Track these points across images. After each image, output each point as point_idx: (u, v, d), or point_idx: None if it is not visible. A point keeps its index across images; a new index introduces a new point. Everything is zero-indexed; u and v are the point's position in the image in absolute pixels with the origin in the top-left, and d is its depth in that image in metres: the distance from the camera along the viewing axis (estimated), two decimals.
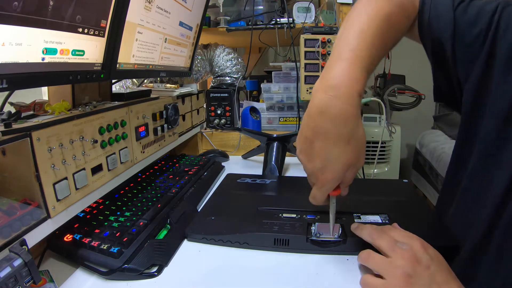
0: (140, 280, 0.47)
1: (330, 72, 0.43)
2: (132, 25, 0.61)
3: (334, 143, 0.42)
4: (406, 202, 0.66)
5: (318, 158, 0.43)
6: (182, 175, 0.79)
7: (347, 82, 0.41)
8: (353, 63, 0.42)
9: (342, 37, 0.45)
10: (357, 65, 0.42)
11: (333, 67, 0.43)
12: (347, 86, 0.41)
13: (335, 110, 0.40)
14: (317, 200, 0.48)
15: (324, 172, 0.44)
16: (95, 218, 0.57)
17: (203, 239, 0.55)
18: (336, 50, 0.44)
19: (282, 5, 1.17)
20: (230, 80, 1.20)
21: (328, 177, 0.44)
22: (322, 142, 0.42)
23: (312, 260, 0.51)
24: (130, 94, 0.71)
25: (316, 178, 0.45)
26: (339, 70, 0.42)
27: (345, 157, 0.42)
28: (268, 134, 0.90)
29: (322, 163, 0.43)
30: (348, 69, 0.42)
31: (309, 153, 0.44)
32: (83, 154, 0.51)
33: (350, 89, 0.41)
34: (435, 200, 2.19)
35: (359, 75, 0.42)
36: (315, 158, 0.43)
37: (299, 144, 0.46)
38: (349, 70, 0.42)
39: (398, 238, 0.45)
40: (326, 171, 0.44)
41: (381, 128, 1.91)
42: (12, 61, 0.39)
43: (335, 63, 0.43)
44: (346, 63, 0.42)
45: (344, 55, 0.43)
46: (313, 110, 0.42)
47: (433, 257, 0.42)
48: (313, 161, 0.44)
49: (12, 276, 0.35)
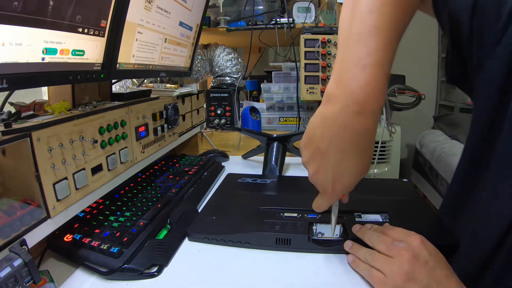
0: (140, 280, 0.47)
1: (351, 82, 0.38)
2: (132, 25, 0.61)
3: (352, 156, 0.40)
4: (406, 201, 0.67)
5: (331, 171, 0.42)
6: (182, 175, 0.79)
7: (373, 96, 0.38)
8: (377, 73, 0.38)
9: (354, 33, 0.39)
10: (380, 72, 0.38)
11: (353, 77, 0.38)
12: (372, 101, 0.38)
13: (359, 126, 0.38)
14: (322, 208, 0.48)
15: (335, 184, 0.43)
16: (95, 218, 0.57)
17: (205, 239, 0.55)
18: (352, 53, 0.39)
19: (282, 5, 1.17)
20: (230, 80, 1.20)
21: (339, 189, 0.43)
22: (338, 155, 0.40)
23: (313, 260, 0.51)
24: (130, 94, 0.71)
25: (325, 189, 0.45)
26: (363, 83, 0.38)
27: (360, 169, 0.41)
28: (268, 134, 0.90)
29: (336, 175, 0.42)
30: (373, 80, 0.38)
31: (319, 164, 0.42)
32: (83, 154, 0.51)
33: (375, 104, 0.38)
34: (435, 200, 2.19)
35: (383, 85, 0.38)
36: (327, 170, 0.42)
37: (307, 152, 0.44)
38: (374, 81, 0.38)
39: (397, 236, 0.46)
40: (338, 183, 0.42)
41: (381, 128, 1.91)
42: (12, 61, 0.39)
43: (356, 72, 0.38)
44: (370, 72, 0.38)
45: (364, 60, 0.38)
46: (333, 122, 0.39)
47: (431, 253, 0.42)
48: (324, 173, 0.42)
49: (12, 276, 0.35)
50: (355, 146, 0.39)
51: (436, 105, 2.93)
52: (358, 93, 0.38)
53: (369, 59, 0.38)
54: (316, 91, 1.06)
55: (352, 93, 0.38)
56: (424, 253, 0.42)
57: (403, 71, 2.23)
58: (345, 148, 0.39)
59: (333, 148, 0.40)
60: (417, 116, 2.62)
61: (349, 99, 0.38)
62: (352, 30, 0.39)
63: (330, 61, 1.05)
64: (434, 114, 2.81)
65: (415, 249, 0.42)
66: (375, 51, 0.38)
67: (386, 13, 0.38)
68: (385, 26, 0.38)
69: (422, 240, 0.44)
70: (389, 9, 0.38)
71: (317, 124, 0.42)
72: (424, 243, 0.43)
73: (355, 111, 0.38)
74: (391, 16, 0.38)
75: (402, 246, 0.43)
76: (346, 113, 0.38)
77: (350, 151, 0.40)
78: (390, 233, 0.47)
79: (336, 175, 0.42)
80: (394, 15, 0.38)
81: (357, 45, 0.39)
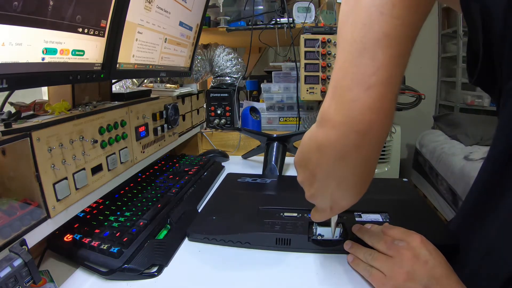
0: (140, 280, 0.47)
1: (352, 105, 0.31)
2: (132, 25, 0.61)
3: (350, 186, 0.36)
4: (406, 201, 0.67)
5: (328, 197, 0.39)
6: (182, 175, 0.79)
7: (378, 123, 0.31)
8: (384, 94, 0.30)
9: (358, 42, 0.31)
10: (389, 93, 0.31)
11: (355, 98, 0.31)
12: (377, 129, 0.31)
13: (359, 157, 0.33)
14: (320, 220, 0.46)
15: (333, 207, 0.41)
16: (95, 218, 0.57)
17: (205, 239, 0.55)
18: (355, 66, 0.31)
19: (282, 5, 1.17)
20: (230, 80, 1.20)
21: (337, 210, 0.41)
22: (335, 185, 0.36)
23: (313, 260, 0.51)
24: (130, 94, 0.71)
25: (322, 210, 0.43)
26: (366, 105, 0.30)
27: (359, 194, 0.37)
28: (268, 134, 0.90)
29: (333, 201, 0.39)
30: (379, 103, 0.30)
31: (317, 190, 0.39)
32: (83, 154, 0.51)
33: (380, 132, 0.31)
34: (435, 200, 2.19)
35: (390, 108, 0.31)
36: (325, 196, 0.39)
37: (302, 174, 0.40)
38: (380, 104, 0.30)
39: (397, 236, 0.46)
40: (336, 206, 0.40)
41: None
42: (12, 61, 0.39)
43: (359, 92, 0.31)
44: (376, 93, 0.30)
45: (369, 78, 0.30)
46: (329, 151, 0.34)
47: (431, 252, 0.42)
48: (321, 198, 0.40)
49: (12, 276, 0.35)
50: (354, 177, 0.35)
51: (436, 105, 2.93)
52: (360, 120, 0.31)
53: (376, 77, 0.30)
54: (316, 91, 1.06)
55: (353, 120, 0.31)
56: (424, 252, 0.42)
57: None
58: (343, 178, 0.35)
59: (330, 178, 0.36)
60: (417, 116, 2.62)
61: (349, 127, 0.31)
62: (355, 34, 0.31)
63: (330, 61, 1.05)
64: (434, 114, 2.81)
65: (415, 249, 0.43)
66: (383, 66, 0.30)
67: (399, 17, 0.30)
68: (398, 33, 0.30)
69: (422, 239, 0.44)
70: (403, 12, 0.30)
71: (312, 149, 0.36)
72: (424, 242, 0.44)
73: (356, 143, 0.32)
74: (405, 20, 0.30)
75: (402, 246, 0.43)
76: (345, 144, 0.32)
77: (349, 181, 0.36)
78: (390, 232, 0.47)
79: (334, 201, 0.39)
80: (408, 19, 0.30)
81: (362, 56, 0.31)
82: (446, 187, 1.96)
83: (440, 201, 2.06)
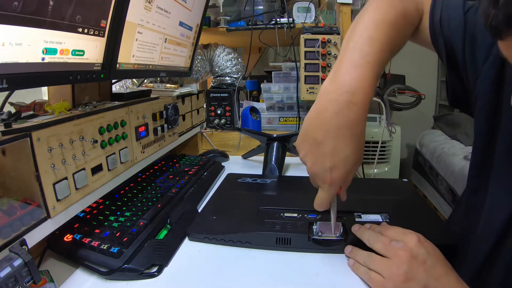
0: (140, 280, 0.47)
1: (344, 77, 0.44)
2: (132, 25, 0.61)
3: (346, 144, 0.43)
4: (406, 201, 0.67)
5: (328, 159, 0.44)
6: (182, 175, 0.79)
7: (363, 88, 0.43)
8: (367, 70, 0.43)
9: (352, 43, 0.46)
10: (371, 71, 0.44)
11: (347, 72, 0.44)
12: (364, 93, 0.43)
13: (351, 114, 0.42)
14: (324, 203, 0.49)
15: (333, 172, 0.44)
16: (95, 218, 0.57)
17: (205, 238, 0.55)
18: (348, 56, 0.45)
19: (282, 5, 1.17)
20: (230, 80, 1.20)
21: (337, 176, 0.45)
22: (334, 143, 0.43)
23: (313, 259, 0.51)
24: (130, 94, 0.71)
25: (324, 179, 0.46)
26: (355, 77, 0.43)
27: (354, 156, 0.44)
28: (268, 134, 0.90)
29: (333, 163, 0.44)
30: (364, 76, 0.43)
31: (317, 154, 0.45)
32: (83, 154, 0.51)
33: (365, 96, 0.43)
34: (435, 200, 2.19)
35: (372, 81, 0.44)
36: (324, 159, 0.44)
37: (304, 147, 0.46)
38: (365, 76, 0.43)
39: (394, 236, 0.46)
40: (335, 171, 0.44)
41: (381, 128, 1.91)
42: (12, 61, 0.39)
43: (350, 69, 0.44)
44: (361, 70, 0.43)
45: (358, 62, 0.44)
46: (327, 112, 0.43)
47: (429, 252, 0.43)
48: (322, 162, 0.45)
49: (12, 276, 0.35)
50: (348, 133, 0.43)
51: (436, 105, 2.93)
52: (350, 85, 0.43)
53: (362, 60, 0.44)
54: (316, 91, 1.06)
55: (345, 85, 0.43)
56: (422, 252, 0.42)
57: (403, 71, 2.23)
58: (340, 134, 0.43)
59: (329, 136, 0.43)
60: (417, 116, 2.62)
61: (342, 90, 0.43)
62: (350, 43, 0.46)
63: (330, 61, 1.05)
64: (434, 114, 2.80)
65: (413, 249, 0.43)
66: (368, 55, 0.44)
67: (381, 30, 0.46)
68: (379, 37, 0.45)
69: (420, 239, 0.44)
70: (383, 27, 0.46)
71: (312, 117, 0.45)
72: (422, 242, 0.44)
73: (347, 100, 0.42)
74: (385, 31, 0.46)
75: (399, 246, 0.44)
76: (339, 102, 0.43)
77: (345, 137, 0.43)
78: (388, 232, 0.47)
79: (333, 163, 0.44)
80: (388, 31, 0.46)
81: (353, 51, 0.45)
82: (446, 187, 1.96)
83: (440, 201, 2.06)
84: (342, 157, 0.44)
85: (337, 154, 0.43)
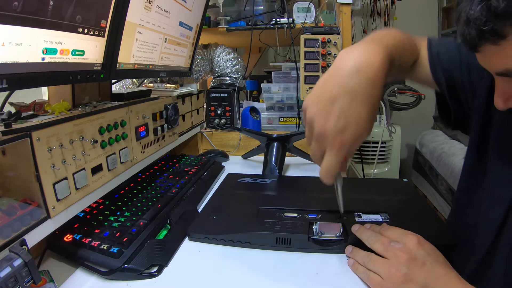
0: (140, 280, 0.47)
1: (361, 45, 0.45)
2: (132, 25, 0.61)
3: (362, 103, 0.41)
4: (406, 201, 0.67)
5: (341, 117, 0.42)
6: (182, 175, 0.79)
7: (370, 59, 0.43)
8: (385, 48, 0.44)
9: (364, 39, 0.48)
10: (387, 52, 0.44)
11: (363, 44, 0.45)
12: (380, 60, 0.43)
13: (372, 71, 0.42)
14: (331, 171, 0.45)
15: (345, 133, 0.42)
16: (95, 218, 0.57)
17: (205, 238, 0.55)
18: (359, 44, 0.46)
19: (282, 5, 1.17)
20: (230, 80, 1.20)
21: (348, 138, 0.42)
22: (349, 101, 0.41)
23: (313, 259, 0.51)
24: (130, 94, 0.71)
25: (332, 140, 0.43)
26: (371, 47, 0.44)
27: (368, 119, 0.42)
28: (268, 134, 0.90)
29: (345, 122, 0.41)
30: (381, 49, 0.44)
31: (330, 111, 0.42)
32: (83, 154, 0.51)
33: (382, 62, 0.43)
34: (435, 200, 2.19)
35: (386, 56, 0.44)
36: (337, 117, 0.42)
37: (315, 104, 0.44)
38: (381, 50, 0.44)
39: (394, 236, 0.46)
40: (347, 132, 0.42)
41: (381, 128, 1.91)
42: (12, 61, 0.39)
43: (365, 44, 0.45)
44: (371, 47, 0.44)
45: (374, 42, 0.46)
46: (347, 68, 0.42)
47: (429, 253, 0.43)
48: (334, 121, 0.42)
49: (12, 276, 0.35)
50: (368, 94, 0.42)
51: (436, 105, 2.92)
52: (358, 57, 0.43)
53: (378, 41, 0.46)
54: None
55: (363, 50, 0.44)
56: (421, 253, 0.42)
57: None
58: (358, 91, 0.41)
59: (346, 91, 0.42)
60: (417, 116, 2.62)
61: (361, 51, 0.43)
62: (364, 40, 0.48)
63: (330, 61, 1.05)
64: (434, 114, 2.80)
65: (412, 250, 0.43)
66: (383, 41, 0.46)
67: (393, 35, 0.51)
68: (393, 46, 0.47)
69: (419, 240, 0.44)
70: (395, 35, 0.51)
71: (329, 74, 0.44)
72: (421, 243, 0.44)
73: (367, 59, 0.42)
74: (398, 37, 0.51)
75: (399, 248, 0.44)
76: (362, 60, 0.42)
77: (362, 96, 0.41)
78: (387, 233, 0.47)
79: (346, 123, 0.42)
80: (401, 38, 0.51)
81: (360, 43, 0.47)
82: (446, 187, 1.96)
83: (440, 201, 2.05)
84: (356, 117, 0.41)
85: (351, 114, 0.41)
